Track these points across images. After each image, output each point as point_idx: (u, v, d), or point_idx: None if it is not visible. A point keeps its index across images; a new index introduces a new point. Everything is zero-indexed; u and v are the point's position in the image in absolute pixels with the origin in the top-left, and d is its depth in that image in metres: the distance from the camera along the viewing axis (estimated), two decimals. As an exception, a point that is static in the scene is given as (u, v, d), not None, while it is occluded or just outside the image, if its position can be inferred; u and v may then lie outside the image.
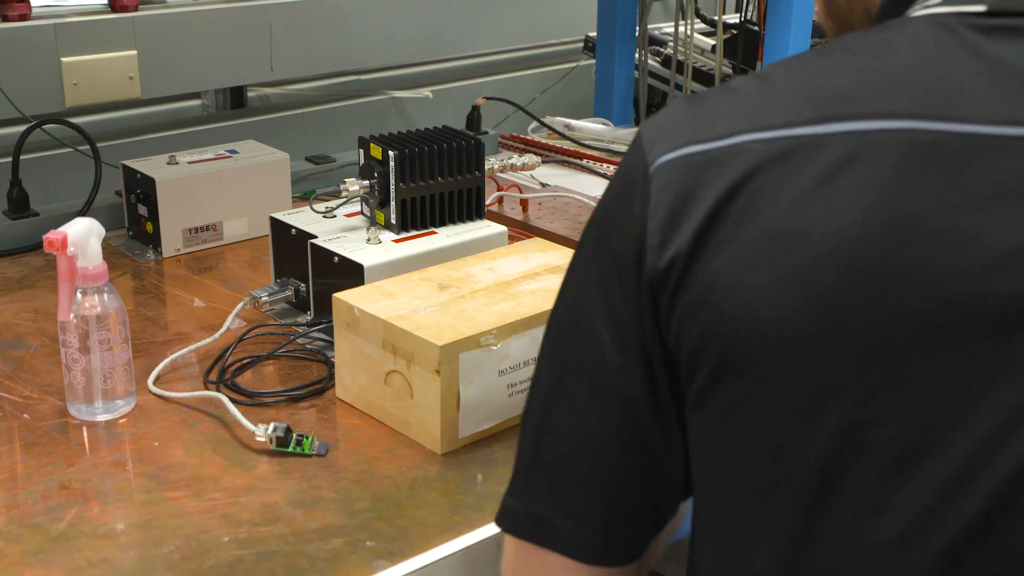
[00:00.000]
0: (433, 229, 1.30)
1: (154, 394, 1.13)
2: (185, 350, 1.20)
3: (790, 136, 0.65)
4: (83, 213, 1.51)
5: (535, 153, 1.84)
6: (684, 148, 0.67)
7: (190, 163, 1.53)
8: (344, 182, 1.30)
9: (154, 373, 1.16)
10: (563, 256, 1.21)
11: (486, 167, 1.35)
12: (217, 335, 1.22)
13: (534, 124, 2.02)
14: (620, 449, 0.70)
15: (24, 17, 1.60)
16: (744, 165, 0.64)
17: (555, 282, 1.13)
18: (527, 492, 0.73)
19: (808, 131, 0.64)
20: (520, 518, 0.73)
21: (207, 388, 1.14)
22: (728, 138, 0.66)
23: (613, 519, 0.71)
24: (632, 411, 0.69)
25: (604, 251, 0.69)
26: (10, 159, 1.52)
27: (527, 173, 1.69)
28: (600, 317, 0.69)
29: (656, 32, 2.19)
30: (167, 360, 1.18)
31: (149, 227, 1.50)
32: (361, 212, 1.33)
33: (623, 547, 0.72)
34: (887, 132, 0.62)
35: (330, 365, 1.17)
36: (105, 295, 1.06)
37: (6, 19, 1.59)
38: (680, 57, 2.06)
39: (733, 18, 2.10)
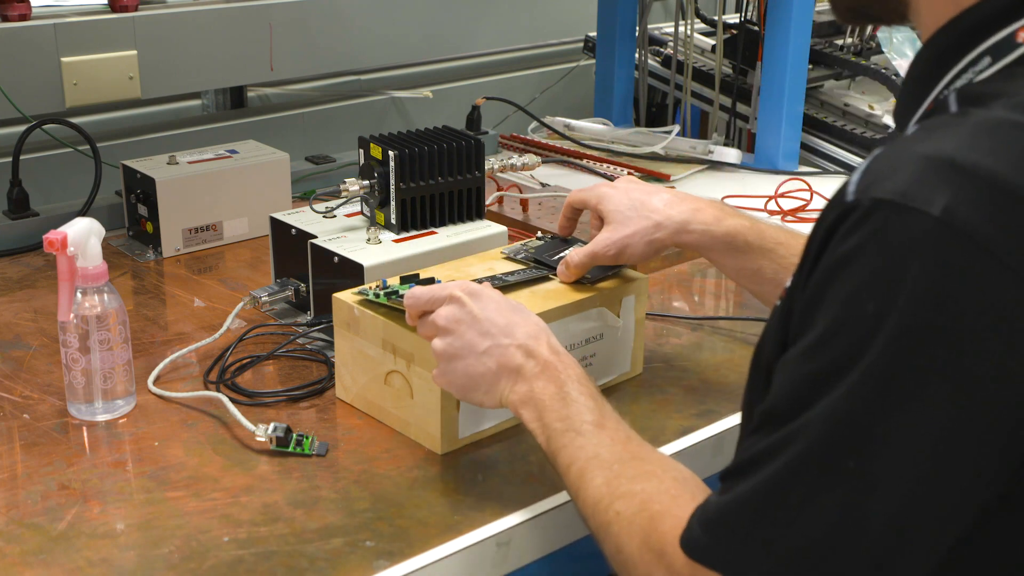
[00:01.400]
0: (433, 229, 1.30)
1: (154, 394, 1.13)
2: (185, 350, 1.20)
3: None
4: (83, 213, 1.51)
5: (535, 153, 1.84)
6: None
7: (190, 163, 1.53)
8: (344, 182, 1.30)
9: (154, 373, 1.16)
10: (563, 256, 1.21)
11: (486, 167, 1.35)
12: (217, 335, 1.22)
13: (534, 124, 2.02)
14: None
15: (24, 17, 1.60)
16: None
17: (554, 282, 1.13)
18: None
19: None
20: None
21: (207, 388, 1.14)
22: None
23: None
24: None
25: (980, 394, 0.63)
26: (10, 159, 1.52)
27: (527, 173, 1.69)
28: (970, 455, 0.64)
29: (656, 32, 2.19)
30: (167, 360, 1.18)
31: (149, 227, 1.50)
32: (361, 212, 1.33)
33: None
34: None
35: (330, 365, 1.17)
36: (105, 295, 1.06)
37: (6, 19, 1.59)
38: (680, 57, 2.06)
39: (733, 18, 2.10)
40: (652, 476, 0.81)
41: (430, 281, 1.08)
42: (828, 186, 1.62)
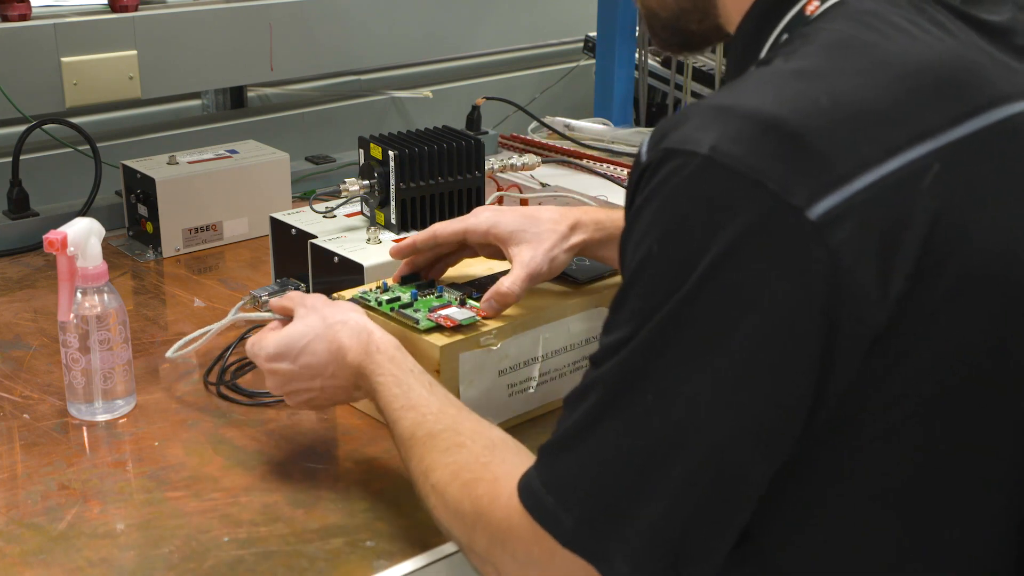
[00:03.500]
0: (433, 229, 1.30)
1: (168, 362, 1.13)
2: (187, 349, 1.20)
3: (954, 141, 0.65)
4: (83, 213, 1.51)
5: (535, 153, 1.84)
6: (849, 184, 0.63)
7: (190, 163, 1.53)
8: (344, 182, 1.30)
9: (175, 347, 1.15)
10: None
11: (486, 167, 1.36)
12: (219, 325, 1.18)
13: (534, 124, 2.01)
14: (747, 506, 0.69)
15: (24, 17, 1.60)
16: (932, 186, 0.63)
17: (554, 283, 1.13)
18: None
19: (964, 131, 0.65)
20: None
21: (207, 388, 1.14)
22: (892, 159, 0.64)
23: None
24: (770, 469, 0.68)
25: (757, 319, 0.64)
26: (10, 159, 1.52)
27: (527, 173, 1.69)
28: (764, 392, 0.65)
29: (656, 32, 2.19)
30: (193, 346, 1.16)
31: (149, 227, 1.50)
32: (361, 212, 1.33)
33: None
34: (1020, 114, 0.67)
35: (330, 365, 1.17)
36: (105, 295, 1.06)
37: (6, 19, 1.59)
38: (680, 57, 2.06)
39: (733, 18, 2.10)
40: (462, 447, 0.82)
41: (430, 283, 1.08)
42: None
